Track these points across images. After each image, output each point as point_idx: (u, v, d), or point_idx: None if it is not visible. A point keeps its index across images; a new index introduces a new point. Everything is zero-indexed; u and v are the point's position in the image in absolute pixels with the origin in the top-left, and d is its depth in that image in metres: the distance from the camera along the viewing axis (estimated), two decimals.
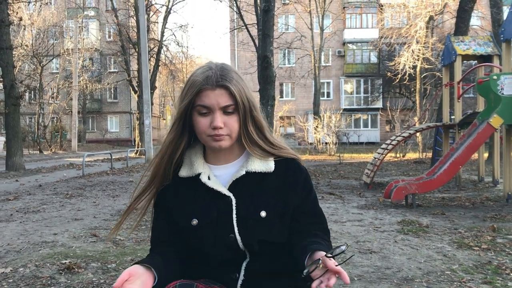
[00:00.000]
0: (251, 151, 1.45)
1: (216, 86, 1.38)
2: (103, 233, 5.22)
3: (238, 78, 1.43)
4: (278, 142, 1.52)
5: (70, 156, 24.68)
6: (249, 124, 1.44)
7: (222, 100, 1.38)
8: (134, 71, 27.44)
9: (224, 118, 1.39)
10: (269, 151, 1.47)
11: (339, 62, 38.40)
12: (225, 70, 1.42)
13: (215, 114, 1.38)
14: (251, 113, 1.44)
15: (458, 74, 9.51)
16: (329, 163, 17.44)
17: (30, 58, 28.36)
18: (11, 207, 7.22)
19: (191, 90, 1.40)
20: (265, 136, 1.48)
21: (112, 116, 42.49)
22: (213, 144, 1.41)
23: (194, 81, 1.40)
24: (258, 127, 1.47)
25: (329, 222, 5.80)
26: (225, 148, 1.44)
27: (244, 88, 1.43)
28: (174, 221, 1.49)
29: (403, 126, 21.92)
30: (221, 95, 1.38)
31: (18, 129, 14.35)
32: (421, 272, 3.69)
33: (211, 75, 1.39)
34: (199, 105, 1.39)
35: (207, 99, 1.38)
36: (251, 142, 1.45)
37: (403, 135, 10.53)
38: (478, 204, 7.30)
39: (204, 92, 1.38)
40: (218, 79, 1.38)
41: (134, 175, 12.64)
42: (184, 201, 1.48)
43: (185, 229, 1.46)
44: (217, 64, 1.45)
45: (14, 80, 14.16)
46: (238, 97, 1.39)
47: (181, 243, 1.50)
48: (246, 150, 1.49)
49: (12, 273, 3.73)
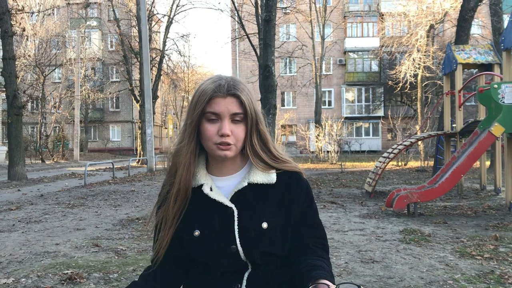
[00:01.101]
0: (254, 162, 1.47)
1: (227, 94, 1.40)
2: (105, 243, 5.22)
3: (248, 90, 1.46)
4: (281, 155, 1.53)
5: (72, 165, 24.71)
6: (254, 136, 1.46)
7: (232, 108, 1.40)
8: (136, 81, 27.57)
9: (232, 127, 1.41)
10: (271, 164, 1.49)
11: (340, 71, 38.48)
12: (236, 81, 1.46)
13: (224, 122, 1.40)
14: (257, 126, 1.46)
15: (459, 83, 9.53)
16: (330, 171, 17.43)
17: (33, 68, 28.50)
18: (13, 217, 7.23)
19: (203, 98, 1.41)
20: (269, 149, 1.50)
21: (114, 125, 42.58)
22: (219, 153, 1.42)
23: (205, 89, 1.42)
24: (262, 140, 1.48)
25: (331, 232, 5.80)
26: (230, 158, 1.46)
27: (253, 100, 1.45)
28: (176, 231, 1.50)
29: (404, 135, 21.91)
30: (232, 103, 1.40)
31: (21, 139, 14.40)
32: (423, 282, 3.68)
33: (222, 84, 1.42)
34: (209, 112, 1.40)
35: (218, 106, 1.40)
36: (254, 154, 1.47)
37: (404, 143, 10.54)
38: (480, 212, 7.29)
39: (215, 100, 1.40)
40: (229, 88, 1.41)
41: (136, 184, 12.65)
42: (186, 212, 1.49)
43: (187, 240, 1.47)
44: (227, 76, 1.49)
45: (17, 90, 14.23)
46: (247, 107, 1.41)
47: (182, 255, 1.51)
48: (248, 162, 1.51)
49: (14, 283, 3.74)
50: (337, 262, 4.33)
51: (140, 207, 8.31)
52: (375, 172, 9.74)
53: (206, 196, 1.46)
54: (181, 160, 1.45)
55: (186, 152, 1.45)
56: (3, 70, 13.99)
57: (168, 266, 1.50)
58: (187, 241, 1.47)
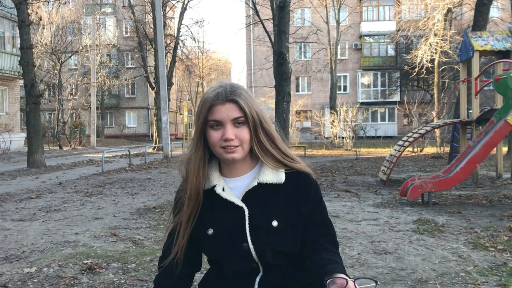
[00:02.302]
0: (264, 160, 1.53)
1: (225, 101, 1.48)
2: (122, 233, 5.35)
3: (247, 94, 1.53)
4: (291, 154, 1.59)
5: (89, 151, 25.06)
6: (261, 135, 1.52)
7: (232, 113, 1.47)
8: (151, 67, 27.63)
9: (235, 131, 1.48)
10: (282, 161, 1.55)
11: (355, 56, 38.10)
12: (234, 87, 1.53)
13: (226, 127, 1.47)
14: (261, 125, 1.52)
15: (476, 70, 9.40)
16: (345, 158, 17.41)
17: (49, 55, 28.79)
18: (33, 205, 7.43)
19: (204, 107, 1.50)
20: (277, 146, 1.56)
21: (130, 112, 42.94)
22: (226, 156, 1.49)
23: (206, 98, 1.51)
24: (270, 137, 1.54)
25: (345, 221, 5.86)
26: (238, 160, 1.52)
27: (253, 103, 1.52)
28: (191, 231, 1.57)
29: (420, 120, 21.71)
30: (231, 109, 1.48)
31: (39, 127, 14.66)
32: (435, 274, 3.72)
33: (221, 92, 1.49)
34: (211, 120, 1.49)
35: (218, 114, 1.47)
36: (264, 151, 1.53)
37: (419, 131, 10.47)
38: (495, 202, 7.26)
39: (215, 108, 1.48)
40: (227, 95, 1.48)
41: (152, 171, 12.82)
42: (201, 212, 1.56)
43: (201, 239, 1.54)
44: (227, 83, 1.56)
45: (34, 79, 14.43)
46: (247, 110, 1.48)
47: (193, 255, 1.60)
48: (258, 163, 1.58)
49: (37, 272, 3.88)
50: (350, 253, 4.39)
51: (156, 195, 8.45)
52: (390, 161, 9.72)
53: (218, 197, 1.53)
54: (191, 167, 1.54)
55: (195, 160, 1.54)
56: (21, 59, 14.19)
57: (181, 267, 1.58)
58: (201, 239, 1.55)
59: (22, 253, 4.52)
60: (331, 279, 1.27)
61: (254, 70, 36.35)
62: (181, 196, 1.59)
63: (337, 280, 1.26)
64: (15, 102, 24.82)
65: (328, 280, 1.27)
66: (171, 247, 1.57)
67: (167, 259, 1.57)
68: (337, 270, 1.32)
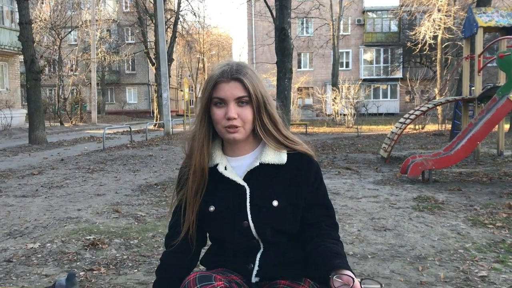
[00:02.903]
0: (267, 141, 1.54)
1: (230, 79, 1.48)
2: (125, 209, 5.39)
3: (253, 73, 1.52)
4: (292, 137, 1.59)
5: (90, 128, 25.08)
6: (264, 116, 1.52)
7: (236, 92, 1.47)
8: (151, 43, 27.41)
9: (238, 110, 1.48)
10: (284, 143, 1.55)
11: (358, 31, 37.70)
12: (241, 66, 1.52)
13: (229, 106, 1.47)
14: (265, 107, 1.52)
15: (479, 47, 9.31)
16: (347, 135, 17.42)
17: (49, 30, 28.52)
18: (36, 182, 7.47)
19: (209, 84, 1.50)
20: (279, 129, 1.56)
21: (130, 88, 42.80)
22: (228, 136, 1.50)
23: (211, 75, 1.51)
24: (272, 120, 1.54)
25: (345, 198, 5.90)
26: (240, 141, 1.53)
27: (258, 83, 1.51)
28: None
29: (423, 97, 21.62)
30: (235, 87, 1.47)
31: (40, 103, 14.64)
32: (434, 251, 3.76)
33: (227, 70, 1.49)
34: (215, 97, 1.49)
35: (222, 91, 1.47)
36: (266, 133, 1.54)
37: (421, 109, 10.44)
38: (495, 179, 7.28)
39: (219, 85, 1.48)
40: (233, 73, 1.48)
41: (153, 148, 12.85)
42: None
43: (203, 215, 1.56)
44: (234, 61, 1.56)
45: (34, 54, 14.34)
46: (251, 90, 1.48)
47: (198, 230, 1.60)
48: (260, 144, 1.58)
49: (40, 248, 3.93)
50: (350, 229, 4.43)
51: (158, 172, 8.49)
52: (391, 138, 9.72)
53: (220, 175, 1.54)
54: (196, 144, 1.54)
55: (199, 137, 1.54)
56: (20, 34, 14.07)
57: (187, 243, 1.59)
58: (203, 216, 1.56)
59: (26, 229, 4.57)
60: (338, 275, 1.29)
61: (256, 46, 36.03)
62: (184, 173, 1.60)
63: (343, 277, 1.28)
64: (15, 78, 24.72)
65: (335, 275, 1.29)
66: (177, 224, 1.59)
67: (176, 237, 1.57)
68: (343, 266, 1.32)
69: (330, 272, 1.31)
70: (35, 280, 3.21)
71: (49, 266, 3.48)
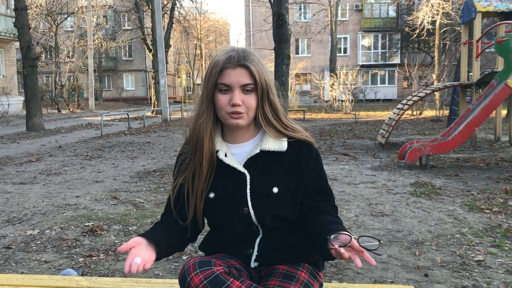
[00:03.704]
0: (267, 130, 1.54)
1: (237, 66, 1.47)
2: (123, 196, 5.41)
3: (258, 61, 1.52)
4: (292, 125, 1.59)
5: (87, 115, 25.01)
6: (266, 105, 1.52)
7: (242, 79, 1.46)
8: (148, 29, 27.22)
9: (243, 97, 1.48)
10: (283, 132, 1.56)
11: (356, 17, 37.44)
12: (247, 53, 1.51)
13: (234, 92, 1.46)
14: (268, 95, 1.52)
15: (478, 32, 9.28)
16: (344, 121, 17.42)
17: (45, 16, 28.25)
18: (34, 169, 7.47)
19: (214, 70, 1.48)
20: (280, 118, 1.56)
21: (127, 74, 42.57)
22: (231, 121, 1.49)
23: (217, 61, 1.49)
24: (274, 109, 1.55)
25: (343, 184, 5.92)
26: (242, 127, 1.53)
27: (264, 71, 1.51)
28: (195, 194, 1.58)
29: (420, 83, 21.56)
30: (242, 74, 1.47)
31: (37, 90, 14.56)
32: (431, 235, 3.79)
33: (233, 56, 1.48)
34: (220, 83, 1.48)
35: (228, 78, 1.46)
36: (267, 122, 1.54)
37: (419, 94, 10.43)
38: (492, 165, 7.31)
39: (225, 71, 1.47)
40: (240, 59, 1.47)
41: (151, 135, 12.84)
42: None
43: (203, 201, 1.56)
44: (239, 48, 1.54)
45: (30, 41, 14.22)
46: (257, 77, 1.47)
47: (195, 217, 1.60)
48: (261, 131, 1.58)
49: (39, 234, 3.95)
50: (348, 215, 4.45)
51: (156, 159, 8.49)
52: (389, 124, 9.73)
53: (221, 162, 1.54)
54: (204, 131, 1.52)
55: (206, 124, 1.52)
56: (16, 20, 13.95)
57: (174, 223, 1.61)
58: (203, 202, 1.56)
59: (24, 216, 4.58)
60: (335, 235, 1.29)
61: (253, 31, 35.80)
62: (184, 159, 1.59)
63: (341, 236, 1.27)
64: (12, 65, 24.56)
65: (332, 236, 1.29)
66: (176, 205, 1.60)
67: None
68: (340, 229, 1.33)
69: (329, 234, 1.31)
70: (34, 266, 3.23)
71: (48, 253, 3.50)
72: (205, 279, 1.35)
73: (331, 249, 1.26)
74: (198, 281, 1.35)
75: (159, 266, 3.18)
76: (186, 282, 1.37)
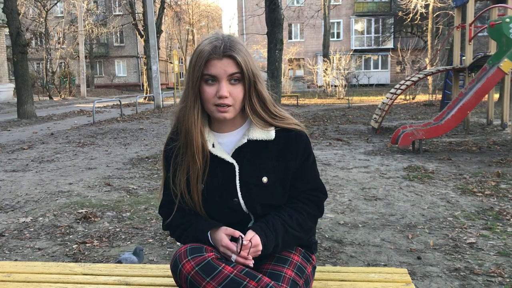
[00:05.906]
0: (254, 121, 1.51)
1: (223, 56, 1.42)
2: (116, 182, 5.39)
3: (245, 50, 1.47)
4: (281, 113, 1.56)
5: (79, 102, 24.82)
6: (253, 96, 1.48)
7: (228, 69, 1.42)
8: (139, 14, 26.92)
9: (230, 88, 1.44)
10: (271, 122, 1.52)
11: (349, 1, 37.20)
12: (233, 42, 1.45)
13: (221, 83, 1.43)
14: (255, 86, 1.48)
15: (471, 16, 9.25)
16: (337, 107, 17.41)
17: (34, 2, 27.85)
18: (26, 156, 7.42)
19: (200, 61, 1.43)
20: (268, 108, 1.52)
21: (119, 61, 42.18)
22: (218, 115, 1.46)
23: (202, 51, 1.44)
24: (261, 99, 1.51)
25: (336, 169, 5.93)
26: (229, 119, 1.50)
27: (250, 60, 1.46)
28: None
29: (413, 67, 21.56)
30: (228, 64, 1.42)
31: (27, 77, 14.40)
32: (424, 219, 3.82)
33: (218, 45, 1.42)
34: (206, 75, 1.43)
35: (214, 69, 1.42)
36: (254, 113, 1.50)
37: (412, 79, 10.42)
38: (485, 148, 7.35)
39: (211, 62, 1.42)
40: (225, 49, 1.42)
41: (144, 122, 12.78)
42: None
43: (193, 193, 1.54)
44: (224, 35, 1.48)
45: (20, 27, 14.02)
46: (244, 67, 1.43)
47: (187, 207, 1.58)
48: (248, 119, 1.55)
49: (32, 222, 3.93)
50: (341, 199, 4.47)
51: (149, 145, 8.46)
52: (382, 109, 9.73)
53: (209, 153, 1.51)
54: (192, 123, 1.48)
55: (193, 115, 1.48)
56: (4, 6, 13.72)
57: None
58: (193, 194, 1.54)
59: (17, 203, 4.56)
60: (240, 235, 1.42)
61: (246, 16, 35.51)
62: (175, 152, 1.55)
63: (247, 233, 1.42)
64: (2, 52, 24.23)
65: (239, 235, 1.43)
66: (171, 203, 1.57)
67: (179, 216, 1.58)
68: (259, 227, 1.44)
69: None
70: (28, 253, 3.23)
71: (41, 240, 3.49)
72: (196, 266, 1.34)
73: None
74: (189, 268, 1.34)
75: (153, 252, 3.19)
76: (178, 269, 1.36)
